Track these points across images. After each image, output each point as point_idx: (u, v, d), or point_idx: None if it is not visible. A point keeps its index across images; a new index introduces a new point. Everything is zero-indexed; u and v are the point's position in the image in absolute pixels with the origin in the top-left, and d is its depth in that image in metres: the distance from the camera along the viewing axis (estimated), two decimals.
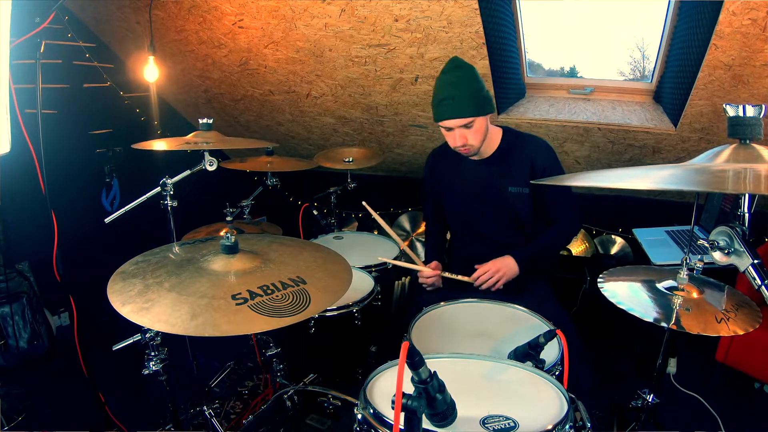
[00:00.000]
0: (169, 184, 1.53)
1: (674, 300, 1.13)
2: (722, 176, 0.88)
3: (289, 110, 3.09)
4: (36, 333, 2.35)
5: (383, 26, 2.24)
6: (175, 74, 3.01)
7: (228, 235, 1.08)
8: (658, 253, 2.06)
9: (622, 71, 2.62)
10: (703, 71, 2.02)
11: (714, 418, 1.93)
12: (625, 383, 2.18)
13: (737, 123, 0.99)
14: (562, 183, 1.08)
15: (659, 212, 2.77)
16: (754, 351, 1.94)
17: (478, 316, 1.48)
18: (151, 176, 1.59)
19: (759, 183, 0.84)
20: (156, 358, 1.34)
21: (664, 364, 1.42)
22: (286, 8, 2.27)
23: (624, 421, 1.65)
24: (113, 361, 1.45)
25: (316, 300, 0.97)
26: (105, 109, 2.84)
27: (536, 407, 0.94)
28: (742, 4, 1.72)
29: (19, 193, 1.85)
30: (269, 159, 2.23)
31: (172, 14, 2.49)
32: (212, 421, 1.55)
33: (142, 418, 1.91)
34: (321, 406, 1.25)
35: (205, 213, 2.32)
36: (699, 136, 2.40)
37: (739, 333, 1.05)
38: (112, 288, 0.98)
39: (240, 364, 2.31)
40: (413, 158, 3.32)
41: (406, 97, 2.69)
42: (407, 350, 0.77)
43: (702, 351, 2.19)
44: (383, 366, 1.07)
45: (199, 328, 0.86)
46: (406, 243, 3.32)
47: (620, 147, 2.65)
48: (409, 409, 0.78)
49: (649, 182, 0.97)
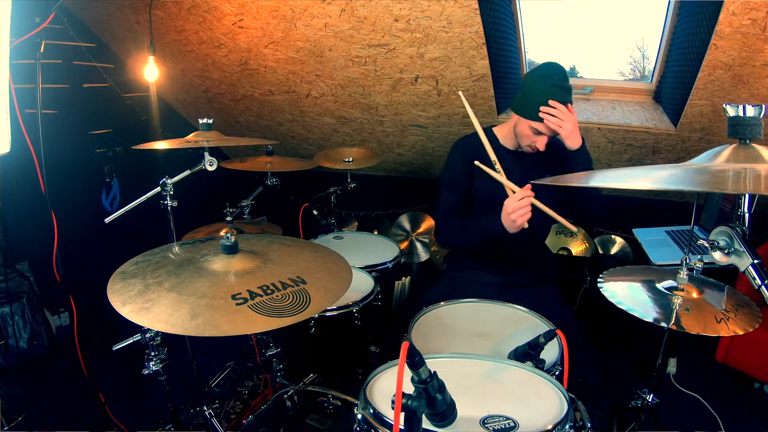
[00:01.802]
0: (169, 184, 1.53)
1: (674, 300, 1.13)
2: (722, 176, 0.88)
3: (289, 110, 3.09)
4: (36, 333, 2.35)
5: (383, 26, 2.24)
6: (175, 74, 3.02)
7: (228, 235, 1.08)
8: (658, 253, 2.06)
9: (622, 71, 2.62)
10: (703, 71, 2.02)
11: (714, 418, 1.93)
12: (625, 383, 2.18)
13: (737, 123, 0.99)
14: (564, 183, 1.07)
15: (659, 212, 2.77)
16: (754, 351, 1.94)
17: (478, 316, 1.48)
18: (151, 176, 1.59)
19: (759, 183, 0.84)
20: (156, 358, 1.34)
21: (664, 364, 1.42)
22: (286, 8, 2.27)
23: (624, 421, 1.65)
24: (113, 361, 1.45)
25: (316, 300, 0.97)
26: (105, 109, 2.84)
27: (536, 407, 0.94)
28: (742, 4, 1.72)
29: (19, 193, 1.85)
30: (269, 159, 2.23)
31: (172, 14, 2.49)
32: (212, 421, 1.55)
33: (142, 418, 1.91)
34: (321, 406, 1.25)
35: (205, 213, 2.32)
36: (699, 136, 2.40)
37: (739, 333, 1.05)
38: (112, 288, 0.98)
39: (240, 364, 2.31)
40: (413, 158, 3.32)
41: (406, 97, 2.69)
42: (407, 350, 0.77)
43: (702, 351, 2.19)
44: (383, 366, 1.07)
45: (199, 328, 0.86)
46: (406, 243, 3.34)
47: (620, 147, 2.65)
48: (409, 409, 0.78)
49: (649, 182, 0.97)
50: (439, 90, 2.58)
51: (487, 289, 1.65)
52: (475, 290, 1.62)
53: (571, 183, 1.35)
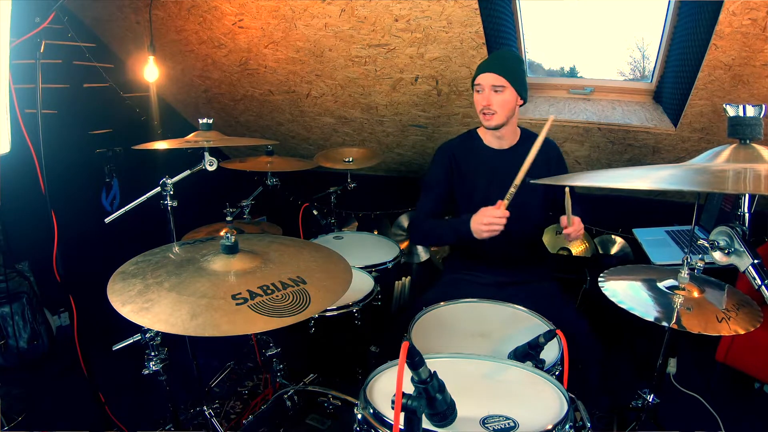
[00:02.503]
0: (169, 184, 1.53)
1: (675, 299, 1.13)
2: (722, 176, 0.88)
3: (289, 110, 3.09)
4: (36, 333, 2.35)
5: (383, 26, 2.25)
6: (175, 74, 3.02)
7: (228, 235, 1.08)
8: (658, 252, 2.06)
9: (622, 71, 2.62)
10: (703, 71, 2.02)
11: (714, 418, 1.93)
12: (625, 383, 2.18)
13: (737, 123, 0.99)
14: (563, 183, 1.07)
15: (659, 212, 2.76)
16: (755, 351, 1.94)
17: (478, 316, 1.47)
18: (151, 176, 1.59)
19: (759, 183, 0.84)
20: (156, 358, 1.34)
21: (664, 364, 1.42)
22: (286, 8, 2.27)
23: (624, 421, 1.65)
24: (113, 361, 1.45)
25: (316, 300, 0.97)
26: (105, 109, 2.84)
27: (536, 407, 0.94)
28: (742, 4, 1.72)
29: (19, 193, 1.85)
30: (269, 159, 2.23)
31: (172, 14, 2.49)
32: (212, 421, 1.55)
33: (142, 418, 1.91)
34: (321, 406, 1.25)
35: (205, 213, 2.32)
36: (699, 136, 2.40)
37: (739, 332, 1.05)
38: (112, 288, 0.98)
39: (240, 364, 2.31)
40: (413, 158, 3.32)
41: (406, 97, 2.69)
42: (407, 350, 0.77)
43: (702, 351, 2.19)
44: (383, 366, 1.07)
45: (199, 328, 0.85)
46: (406, 243, 3.34)
47: (620, 147, 2.65)
48: (409, 409, 0.78)
49: (649, 182, 0.97)
50: (439, 90, 2.58)
51: (485, 290, 1.65)
52: (473, 291, 1.61)
53: (572, 183, 1.35)
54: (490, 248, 1.71)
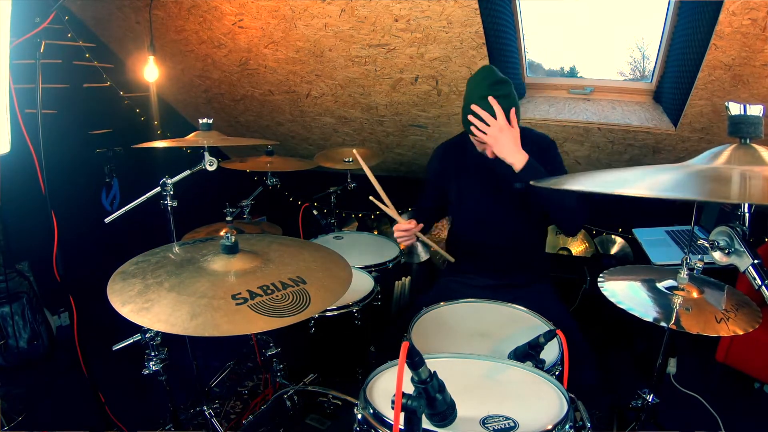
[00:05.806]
0: (169, 184, 1.53)
1: (674, 300, 1.13)
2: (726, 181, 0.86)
3: (289, 110, 3.09)
4: (36, 333, 2.35)
5: (383, 26, 2.24)
6: (175, 74, 3.01)
7: (228, 235, 1.08)
8: (658, 253, 2.06)
9: (622, 71, 2.62)
10: (703, 71, 2.02)
11: (714, 418, 1.93)
12: (625, 383, 2.18)
13: (739, 121, 0.99)
14: (561, 187, 1.06)
15: (659, 212, 2.76)
16: (754, 351, 1.94)
17: (478, 316, 1.47)
18: (151, 176, 1.59)
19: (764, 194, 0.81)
20: (156, 358, 1.34)
21: (664, 364, 1.42)
22: (286, 8, 2.27)
23: (624, 421, 1.65)
24: (113, 361, 1.45)
25: (316, 300, 0.97)
26: (105, 109, 2.84)
27: (536, 407, 0.94)
28: (742, 4, 1.72)
29: (19, 193, 1.85)
30: (269, 159, 2.23)
31: (172, 14, 2.49)
32: (212, 421, 1.55)
33: (142, 418, 1.91)
34: (321, 406, 1.25)
35: (205, 213, 2.32)
36: (699, 136, 2.40)
37: (739, 333, 1.05)
38: (112, 288, 0.98)
39: (240, 364, 2.31)
40: (413, 158, 3.32)
41: (406, 97, 2.69)
42: (407, 350, 0.77)
43: (702, 351, 2.20)
44: (383, 366, 1.07)
45: (199, 328, 0.86)
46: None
47: (620, 147, 2.65)
48: (409, 409, 0.78)
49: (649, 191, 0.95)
50: (439, 90, 2.58)
51: (481, 293, 1.65)
52: (470, 294, 1.62)
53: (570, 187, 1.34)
54: (477, 255, 1.78)
